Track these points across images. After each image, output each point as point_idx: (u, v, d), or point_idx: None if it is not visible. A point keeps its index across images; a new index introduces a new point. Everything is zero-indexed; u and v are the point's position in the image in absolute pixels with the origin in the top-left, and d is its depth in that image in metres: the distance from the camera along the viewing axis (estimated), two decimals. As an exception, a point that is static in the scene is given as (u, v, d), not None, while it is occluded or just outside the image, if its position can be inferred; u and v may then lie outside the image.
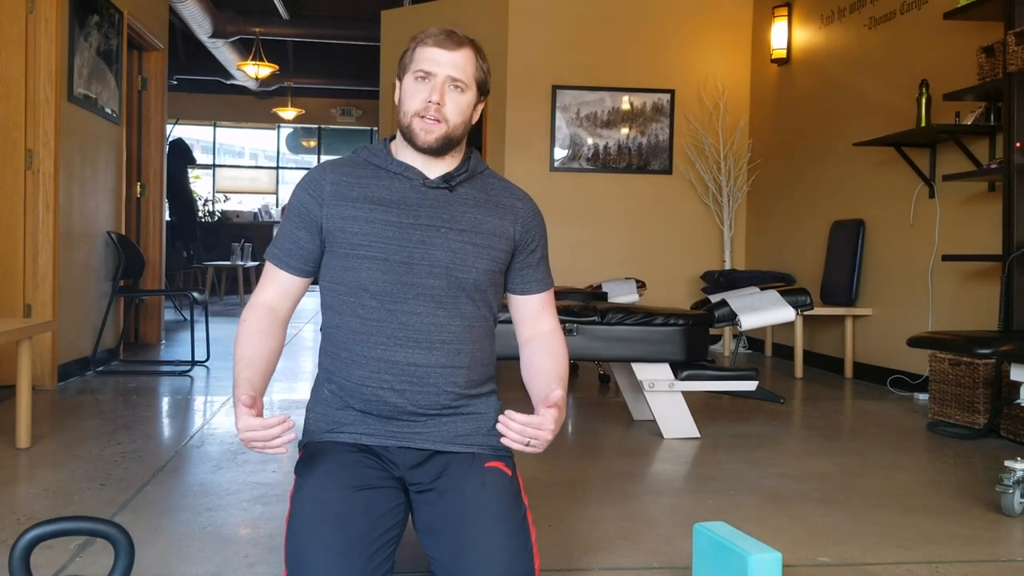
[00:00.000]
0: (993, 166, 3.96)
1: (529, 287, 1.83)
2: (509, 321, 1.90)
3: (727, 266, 6.74)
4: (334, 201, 1.69)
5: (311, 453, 1.71)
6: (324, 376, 1.79)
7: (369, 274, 1.67)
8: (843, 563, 2.11)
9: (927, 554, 2.19)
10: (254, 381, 1.61)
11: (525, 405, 1.66)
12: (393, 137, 1.79)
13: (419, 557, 2.06)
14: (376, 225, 1.67)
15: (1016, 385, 2.82)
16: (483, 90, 1.72)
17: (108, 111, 5.23)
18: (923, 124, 4.45)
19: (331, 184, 1.70)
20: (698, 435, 3.52)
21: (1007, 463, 2.51)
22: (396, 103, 1.74)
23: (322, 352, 1.80)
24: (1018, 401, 2.75)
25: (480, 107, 1.75)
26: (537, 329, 1.83)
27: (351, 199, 1.69)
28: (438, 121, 1.65)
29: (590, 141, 6.70)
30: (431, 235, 1.68)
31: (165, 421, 3.83)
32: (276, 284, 1.75)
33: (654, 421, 3.57)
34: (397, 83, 1.73)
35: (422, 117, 1.65)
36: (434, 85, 1.64)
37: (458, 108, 1.67)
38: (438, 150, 1.69)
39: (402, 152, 1.75)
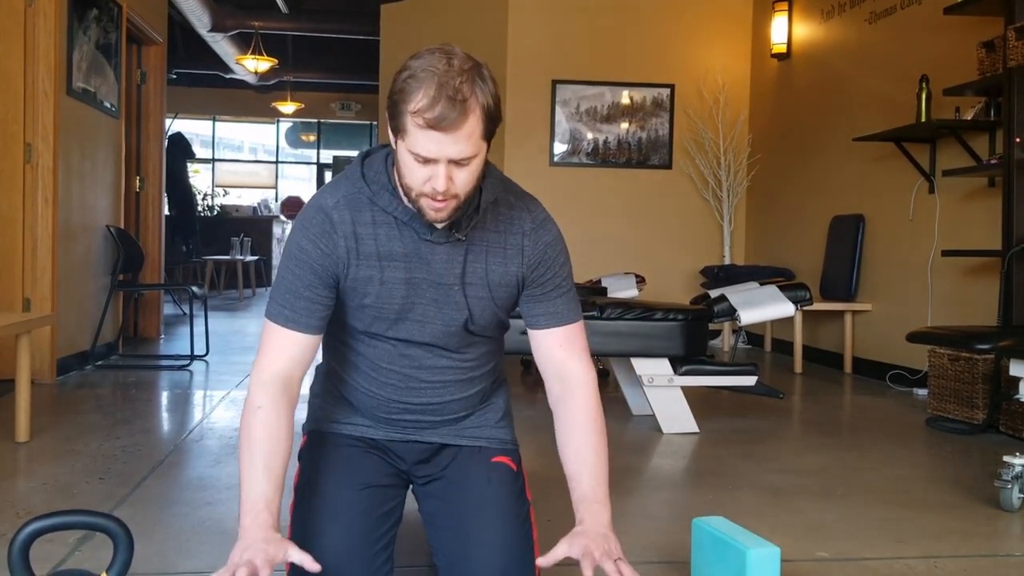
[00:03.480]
0: (993, 161, 3.95)
1: (538, 321, 1.64)
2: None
3: (727, 261, 6.74)
4: (348, 258, 1.52)
5: (316, 444, 1.71)
6: (330, 376, 1.76)
7: (379, 325, 1.59)
8: (841, 558, 2.11)
9: (925, 549, 2.19)
10: (272, 511, 1.42)
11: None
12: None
13: (418, 549, 2.07)
14: (388, 285, 1.54)
15: (1015, 380, 2.82)
16: (494, 129, 1.43)
17: (107, 105, 5.22)
18: (923, 119, 4.44)
19: (343, 238, 1.51)
20: (697, 430, 3.52)
21: (1005, 458, 2.52)
22: (391, 148, 1.50)
23: (327, 356, 1.75)
24: (1017, 396, 2.75)
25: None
26: (566, 383, 1.62)
27: (365, 255, 1.53)
28: (447, 199, 1.42)
29: (590, 136, 6.70)
30: (442, 293, 1.56)
31: (164, 415, 3.83)
32: (291, 348, 1.52)
33: (653, 416, 3.58)
34: (390, 133, 1.45)
35: (428, 196, 1.42)
36: (436, 173, 1.39)
37: (470, 178, 1.43)
38: (452, 221, 1.50)
39: None
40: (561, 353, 1.63)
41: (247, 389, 1.53)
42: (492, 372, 1.76)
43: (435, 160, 1.37)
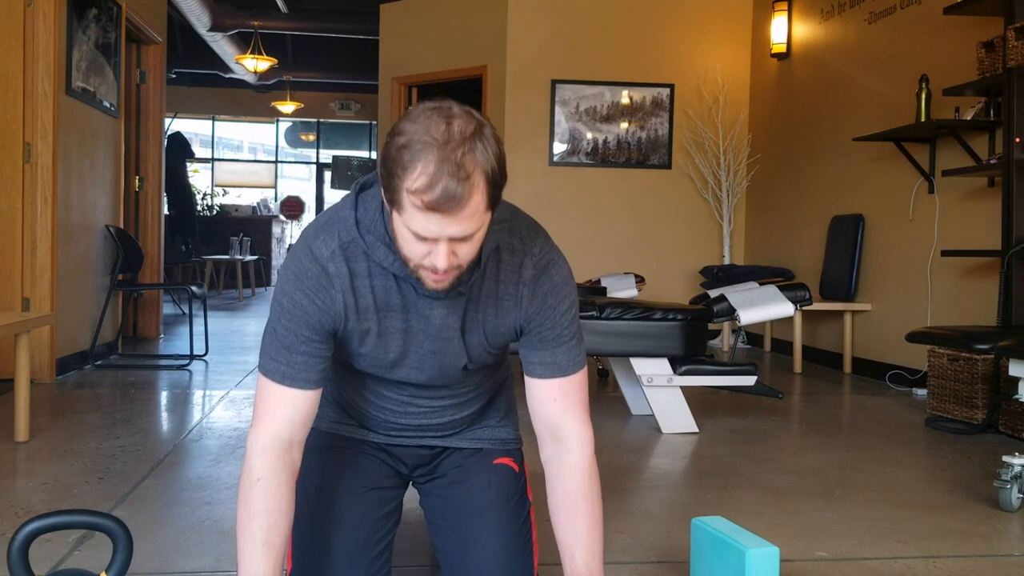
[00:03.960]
0: (993, 161, 3.95)
1: (533, 369, 1.52)
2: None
3: (726, 261, 6.74)
4: (346, 313, 1.44)
5: (316, 446, 1.70)
6: (328, 383, 1.74)
7: (376, 369, 1.55)
8: (840, 558, 2.11)
9: (924, 549, 2.19)
10: None
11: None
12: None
13: (418, 548, 2.07)
14: (385, 337, 1.48)
15: (1015, 380, 2.82)
16: (499, 195, 1.31)
17: (106, 105, 5.22)
18: (923, 119, 4.44)
19: (340, 293, 1.41)
20: (696, 430, 3.52)
21: (1005, 458, 2.52)
22: (386, 211, 1.37)
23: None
24: (1016, 396, 2.75)
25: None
26: (560, 443, 1.50)
27: (363, 309, 1.44)
28: (448, 272, 1.32)
29: (589, 136, 6.69)
30: (441, 344, 1.50)
31: (164, 415, 3.83)
32: (290, 409, 1.42)
33: (652, 416, 3.57)
34: (382, 196, 1.32)
35: (428, 270, 1.32)
36: (437, 251, 1.27)
37: (473, 249, 1.31)
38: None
39: None
40: (555, 408, 1.50)
41: (245, 453, 1.43)
42: (494, 385, 1.76)
43: (434, 240, 1.26)
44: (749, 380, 3.57)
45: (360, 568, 1.59)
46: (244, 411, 3.82)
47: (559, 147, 6.68)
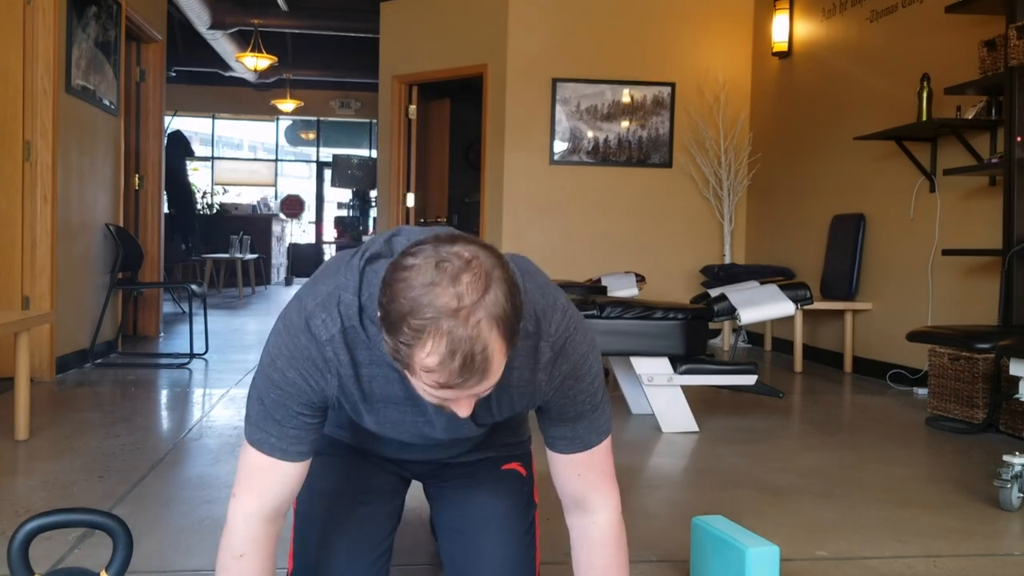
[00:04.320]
0: (994, 160, 3.95)
1: (554, 444, 1.43)
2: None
3: (727, 260, 6.74)
4: (340, 396, 1.34)
5: (320, 451, 1.66)
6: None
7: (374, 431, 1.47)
8: (841, 557, 2.11)
9: (925, 548, 2.19)
10: None
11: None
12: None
13: (418, 548, 2.06)
14: (386, 426, 1.41)
15: (1015, 380, 2.82)
16: (516, 338, 1.16)
17: (106, 103, 5.21)
18: (924, 118, 4.44)
19: (336, 378, 1.31)
20: (697, 429, 3.52)
21: (1005, 458, 2.51)
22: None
23: None
24: (1017, 396, 2.74)
25: None
26: (586, 514, 1.44)
27: (357, 398, 1.35)
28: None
29: (590, 134, 6.69)
30: (450, 434, 1.43)
31: (164, 413, 3.83)
32: (278, 484, 1.35)
33: (653, 415, 3.57)
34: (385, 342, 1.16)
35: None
36: (457, 404, 1.18)
37: (491, 390, 1.18)
38: None
39: None
40: (580, 483, 1.43)
41: (227, 521, 1.37)
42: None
43: (448, 403, 1.17)
44: (749, 379, 3.56)
45: (361, 569, 1.59)
46: (244, 410, 3.81)
47: (560, 146, 6.68)
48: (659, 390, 3.51)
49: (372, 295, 1.27)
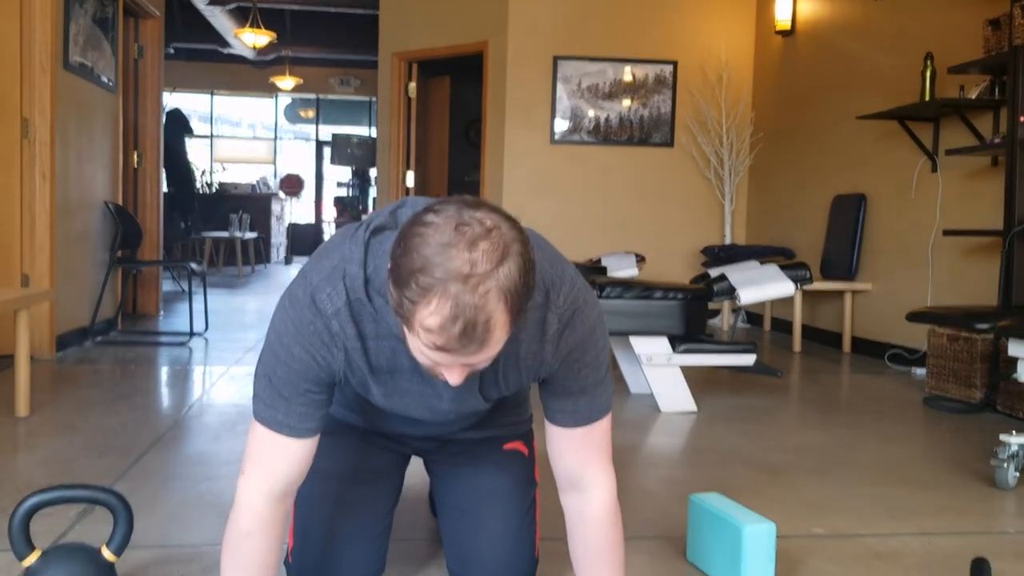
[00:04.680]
0: (996, 140, 3.94)
1: (553, 416, 1.42)
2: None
3: (727, 240, 6.73)
4: (347, 370, 1.34)
5: (323, 429, 1.68)
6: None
7: (384, 408, 1.48)
8: (836, 534, 2.12)
9: (920, 526, 2.20)
10: None
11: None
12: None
13: (417, 523, 2.08)
14: (393, 396, 1.40)
15: (1014, 360, 2.82)
16: (522, 315, 1.14)
17: (104, 80, 5.19)
18: (927, 98, 4.42)
19: (342, 352, 1.30)
20: (695, 408, 3.53)
21: (1002, 437, 2.52)
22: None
23: None
24: (1015, 376, 2.75)
25: None
26: (581, 493, 1.43)
27: (367, 371, 1.35)
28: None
29: (591, 113, 6.66)
30: (457, 405, 1.43)
31: (164, 391, 3.84)
32: (285, 463, 1.34)
33: (651, 395, 3.58)
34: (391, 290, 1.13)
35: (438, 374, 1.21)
36: (450, 371, 1.17)
37: (487, 363, 1.17)
38: None
39: None
40: (576, 459, 1.41)
41: (236, 500, 1.35)
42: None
43: (446, 368, 1.16)
44: (748, 359, 3.57)
45: (361, 546, 1.61)
46: (244, 388, 3.83)
47: (561, 124, 6.65)
48: (658, 370, 3.52)
49: (377, 267, 1.26)
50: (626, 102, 6.69)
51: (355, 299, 1.27)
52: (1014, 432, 2.54)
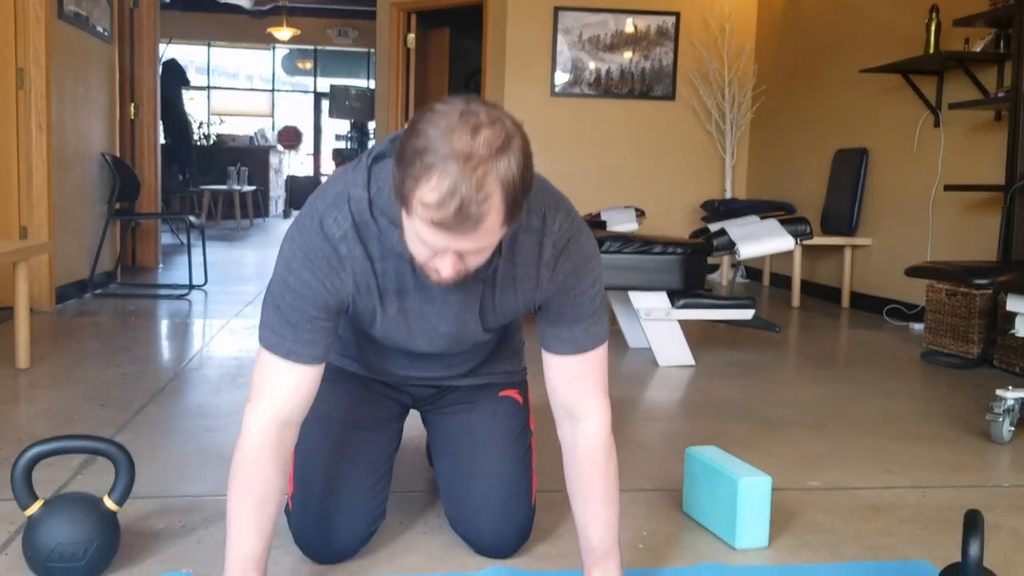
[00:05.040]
0: (1000, 95, 3.90)
1: (549, 344, 1.43)
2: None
3: (728, 195, 6.70)
4: (356, 296, 1.36)
5: (323, 377, 1.69)
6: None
7: (386, 341, 1.51)
8: (832, 487, 2.14)
9: (915, 479, 2.22)
10: (260, 569, 1.37)
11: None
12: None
13: (416, 475, 2.10)
14: (397, 320, 1.42)
15: (1012, 315, 2.83)
16: (518, 212, 1.18)
17: (99, 29, 5.12)
18: (931, 51, 4.37)
19: (351, 276, 1.33)
20: (693, 363, 3.54)
21: (998, 392, 2.54)
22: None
23: None
24: (1013, 331, 2.76)
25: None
26: (576, 422, 1.43)
27: (374, 293, 1.37)
28: (453, 278, 1.23)
29: (592, 65, 6.59)
30: (458, 328, 1.45)
31: (164, 344, 3.85)
32: (292, 389, 1.35)
33: (650, 349, 3.59)
34: (392, 188, 1.20)
35: (432, 270, 1.24)
36: (443, 260, 1.19)
37: (481, 259, 1.22)
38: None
39: None
40: (572, 387, 1.42)
41: (243, 427, 1.36)
42: (506, 334, 1.74)
43: (440, 250, 1.18)
44: (747, 313, 3.58)
45: (360, 494, 1.63)
46: (244, 341, 3.84)
47: (561, 77, 6.58)
48: (656, 324, 3.53)
49: (381, 188, 1.30)
50: (627, 54, 6.61)
51: (360, 221, 1.31)
52: (1010, 387, 2.56)
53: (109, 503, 1.57)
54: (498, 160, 1.11)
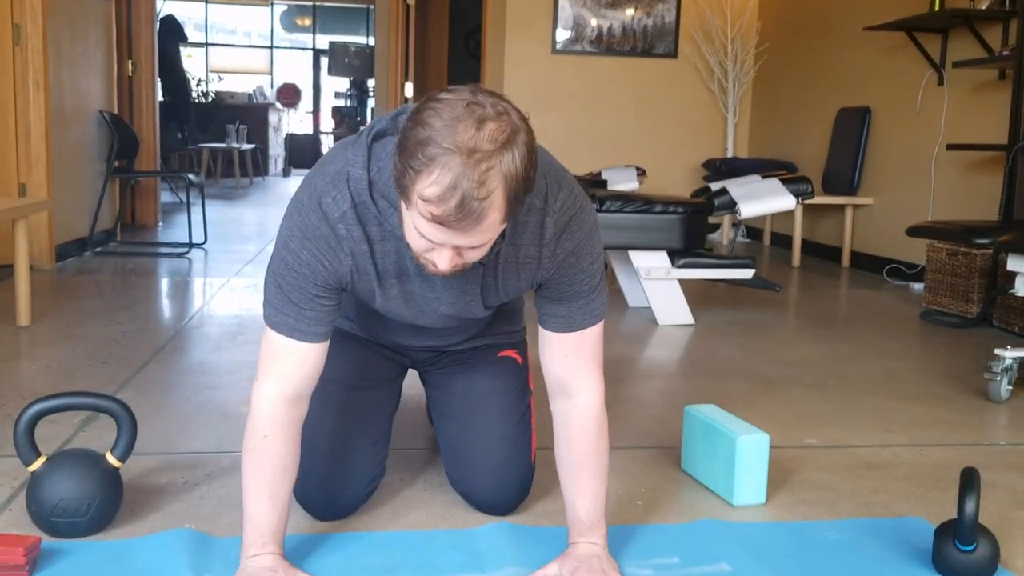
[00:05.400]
0: (1005, 53, 3.86)
1: (546, 321, 1.43)
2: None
3: (729, 154, 6.66)
4: (356, 273, 1.35)
5: None
6: None
7: (387, 315, 1.51)
8: (829, 445, 2.16)
9: (913, 438, 2.24)
10: (278, 540, 1.38)
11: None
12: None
13: (417, 432, 2.11)
14: (397, 300, 1.42)
15: (1012, 275, 2.83)
16: (519, 208, 1.17)
17: (95, -16, 5.05)
18: (937, 8, 4.31)
19: (350, 256, 1.32)
20: (692, 322, 3.55)
21: (996, 351, 2.55)
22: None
23: None
24: (1013, 291, 2.76)
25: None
26: (569, 398, 1.44)
27: (371, 274, 1.36)
28: (450, 271, 1.23)
29: (594, 22, 6.51)
30: (460, 308, 1.45)
31: (164, 302, 3.85)
32: (298, 367, 1.36)
33: (649, 308, 3.60)
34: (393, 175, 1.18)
35: (429, 262, 1.23)
36: (440, 253, 1.18)
37: (479, 255, 1.21)
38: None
39: None
40: (566, 364, 1.42)
41: (252, 405, 1.36)
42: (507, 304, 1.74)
43: (439, 245, 1.16)
44: (747, 273, 3.58)
45: (360, 452, 1.64)
46: (244, 299, 3.84)
47: (562, 34, 6.51)
48: (656, 283, 3.53)
49: (381, 169, 1.27)
50: (629, 11, 6.53)
51: (360, 202, 1.29)
52: (1009, 346, 2.57)
53: (112, 459, 1.58)
54: (502, 155, 1.08)
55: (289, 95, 14.21)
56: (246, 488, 1.37)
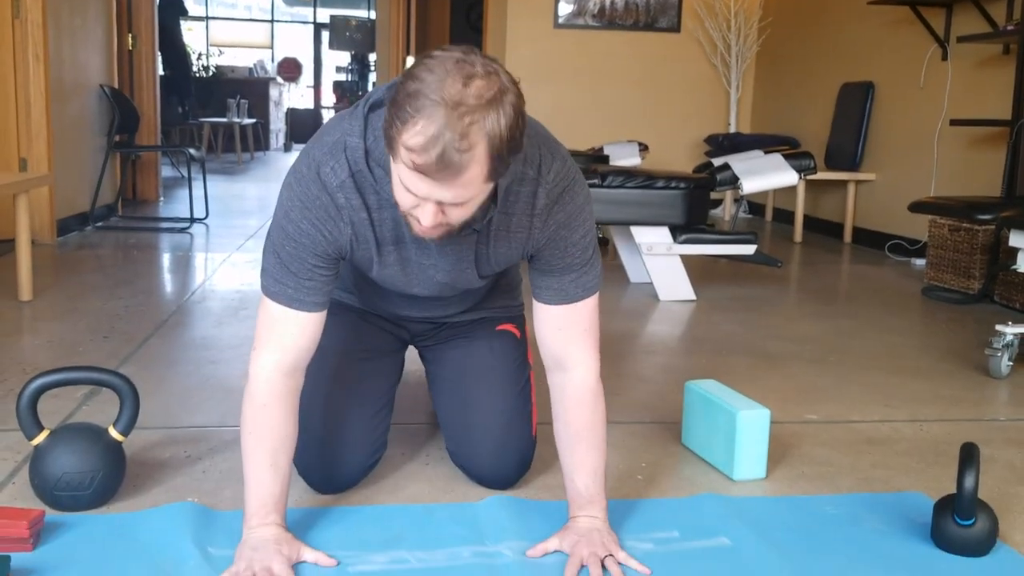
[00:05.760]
0: (1010, 28, 3.83)
1: (539, 293, 1.44)
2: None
3: (732, 129, 6.63)
4: (353, 244, 1.37)
5: None
6: None
7: (383, 284, 1.52)
8: (830, 420, 2.17)
9: (912, 413, 2.24)
10: (280, 510, 1.38)
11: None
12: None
13: (417, 407, 2.12)
14: (394, 268, 1.43)
15: (1014, 251, 2.82)
16: (504, 169, 1.18)
17: (94, -43, 5.01)
18: (942, -19, 4.28)
19: (349, 225, 1.34)
20: (694, 297, 3.55)
21: (997, 327, 2.55)
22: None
23: None
24: (1015, 267, 2.75)
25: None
26: (564, 372, 1.45)
27: (371, 242, 1.37)
28: (436, 228, 1.23)
29: (595, -4, 6.45)
30: (454, 276, 1.46)
31: (166, 277, 3.86)
32: (297, 337, 1.37)
33: (651, 283, 3.60)
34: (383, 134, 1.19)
35: (415, 219, 1.23)
36: (424, 208, 1.18)
37: (463, 214, 1.22)
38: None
39: None
40: (560, 336, 1.43)
41: (249, 375, 1.37)
42: (503, 274, 1.75)
43: (423, 198, 1.17)
44: (748, 249, 3.57)
45: (361, 424, 1.64)
46: (246, 274, 3.84)
47: (565, 8, 6.45)
48: (658, 259, 3.53)
49: (377, 138, 1.28)
50: (632, -16, 6.47)
51: (357, 171, 1.31)
52: (1010, 323, 2.57)
53: (114, 433, 1.59)
54: (487, 112, 1.10)
55: (290, 69, 14.13)
56: (246, 458, 1.38)
